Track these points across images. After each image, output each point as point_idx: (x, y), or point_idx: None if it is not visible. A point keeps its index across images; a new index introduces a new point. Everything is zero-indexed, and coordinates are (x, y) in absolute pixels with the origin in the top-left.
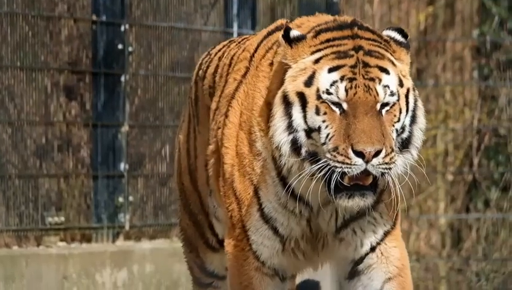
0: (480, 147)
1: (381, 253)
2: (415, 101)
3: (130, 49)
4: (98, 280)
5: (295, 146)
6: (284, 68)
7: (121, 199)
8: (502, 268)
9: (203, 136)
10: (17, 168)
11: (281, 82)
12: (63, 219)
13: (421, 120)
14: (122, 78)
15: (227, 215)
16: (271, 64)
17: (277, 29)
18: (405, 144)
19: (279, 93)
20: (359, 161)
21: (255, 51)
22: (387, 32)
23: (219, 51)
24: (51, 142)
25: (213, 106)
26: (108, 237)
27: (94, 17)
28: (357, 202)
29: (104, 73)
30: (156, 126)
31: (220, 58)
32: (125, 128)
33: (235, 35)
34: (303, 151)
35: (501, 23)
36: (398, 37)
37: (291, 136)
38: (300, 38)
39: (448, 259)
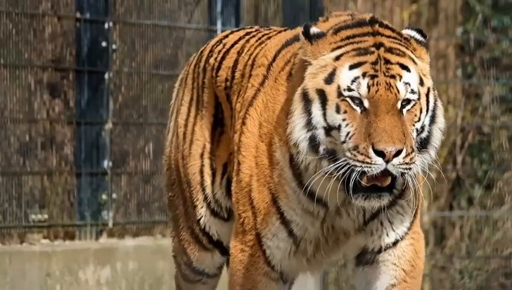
0: (464, 145)
1: (397, 250)
2: (435, 101)
3: (114, 46)
4: (81, 277)
5: (313, 143)
6: (304, 65)
7: (104, 197)
8: (486, 266)
9: (203, 122)
10: (0, 166)
11: (301, 79)
12: (46, 216)
13: (441, 120)
14: (106, 76)
15: (239, 221)
16: (289, 76)
17: (295, 39)
18: (424, 144)
19: (299, 90)
20: (379, 160)
21: (273, 59)
22: (406, 32)
23: (236, 43)
24: (35, 139)
25: (237, 106)
26: (91, 234)
27: (78, 15)
28: (372, 203)
29: (87, 70)
30: (139, 124)
31: (239, 53)
32: (108, 125)
33: (218, 32)
34: (321, 149)
35: (485, 21)
36: (418, 36)
37: (309, 134)
38: (321, 35)
39: (432, 257)
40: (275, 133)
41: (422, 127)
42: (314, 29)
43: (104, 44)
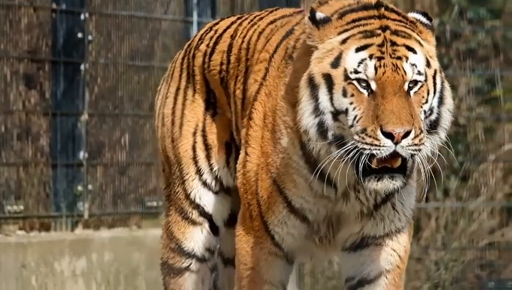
0: None
1: (397, 235)
2: (442, 82)
3: (90, 37)
4: (57, 269)
5: (321, 129)
6: (309, 50)
7: (80, 188)
8: (461, 257)
9: (195, 105)
10: None
11: (306, 65)
12: (22, 207)
13: (449, 101)
14: (82, 67)
15: (246, 209)
16: (289, 59)
17: (292, 30)
18: (433, 126)
19: (305, 76)
20: (388, 142)
21: (274, 51)
22: (412, 15)
23: (228, 27)
24: (10, 130)
25: (238, 93)
26: (67, 225)
27: (54, 6)
28: (386, 185)
29: (63, 62)
30: (115, 115)
31: (232, 37)
32: (84, 117)
33: (194, 24)
34: (329, 134)
35: (461, 13)
36: (424, 19)
37: (317, 119)
38: (327, 20)
39: None
40: (280, 121)
41: (431, 109)
42: (320, 14)
43: (80, 35)
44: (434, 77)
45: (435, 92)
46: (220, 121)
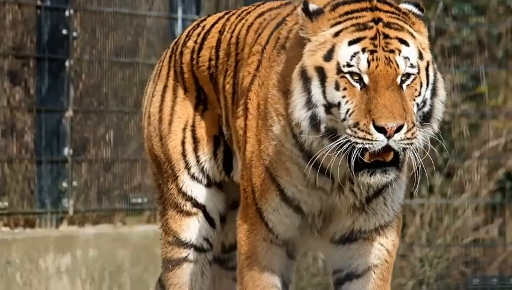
0: None
1: (386, 229)
2: (435, 74)
3: (75, 34)
4: (42, 265)
5: (314, 122)
6: (302, 42)
7: (64, 184)
8: (446, 254)
9: (185, 102)
10: None
11: (299, 56)
12: (6, 203)
13: (442, 92)
14: (67, 63)
15: (243, 196)
16: (281, 49)
17: (283, 21)
18: (426, 118)
19: (298, 68)
20: (381, 136)
21: (266, 43)
22: (404, 6)
23: (216, 23)
24: None
25: (228, 87)
26: (51, 222)
27: (38, 2)
28: (379, 179)
29: (48, 58)
30: (100, 111)
31: (221, 32)
32: (69, 113)
33: (179, 20)
34: (322, 127)
35: (445, 9)
36: (416, 10)
37: (310, 112)
38: (319, 12)
39: None
40: (271, 108)
41: (424, 101)
42: (313, 6)
43: (64, 31)
44: (427, 69)
45: (427, 84)
46: (210, 116)
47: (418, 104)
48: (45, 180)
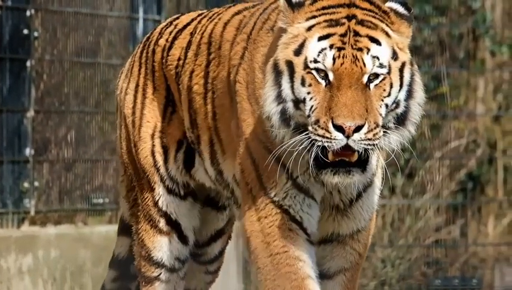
0: None
1: (358, 234)
2: (412, 76)
3: (36, 34)
4: (3, 265)
5: (284, 117)
6: (280, 34)
7: (26, 184)
8: (408, 255)
9: (154, 104)
10: None
11: (276, 48)
12: None
13: (419, 95)
14: (28, 64)
15: (247, 190)
16: (270, 30)
17: (270, 7)
18: (401, 120)
19: (271, 61)
20: (339, 135)
21: (252, 28)
22: (389, 4)
23: (188, 24)
24: None
25: (196, 88)
26: (13, 222)
27: None
28: (342, 179)
29: (9, 58)
30: (61, 111)
31: (192, 34)
32: (30, 113)
33: (140, 20)
34: (292, 122)
35: None
36: (401, 9)
37: (280, 107)
38: (301, 4)
39: None
40: (258, 94)
41: (397, 103)
42: None
43: (25, 31)
44: (401, 70)
45: (401, 85)
46: (177, 119)
47: (387, 105)
48: (7, 181)
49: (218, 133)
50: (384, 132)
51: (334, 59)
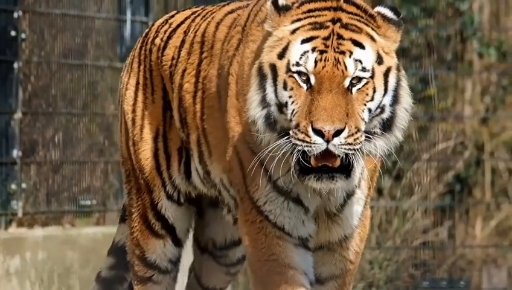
0: None
1: (348, 241)
2: (398, 81)
3: (23, 36)
4: None
5: (269, 121)
6: (267, 37)
7: (13, 186)
8: (395, 256)
9: (155, 106)
10: None
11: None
12: None
13: (405, 100)
14: (15, 65)
15: (237, 192)
16: (260, 24)
17: (258, 2)
18: (387, 125)
19: (256, 64)
20: (319, 139)
21: (246, 20)
22: (377, 9)
23: (182, 23)
24: None
25: (187, 86)
26: (0, 224)
27: None
28: (325, 184)
29: None
30: (49, 113)
31: (185, 33)
32: (18, 115)
33: (128, 22)
34: (278, 127)
35: None
36: (389, 13)
37: (265, 111)
38: (288, 8)
39: None
40: (246, 90)
41: (382, 108)
42: (282, 1)
43: (13, 33)
44: (386, 75)
45: (386, 90)
46: (175, 123)
47: (370, 110)
48: None
49: (205, 135)
50: (369, 137)
51: (315, 62)
